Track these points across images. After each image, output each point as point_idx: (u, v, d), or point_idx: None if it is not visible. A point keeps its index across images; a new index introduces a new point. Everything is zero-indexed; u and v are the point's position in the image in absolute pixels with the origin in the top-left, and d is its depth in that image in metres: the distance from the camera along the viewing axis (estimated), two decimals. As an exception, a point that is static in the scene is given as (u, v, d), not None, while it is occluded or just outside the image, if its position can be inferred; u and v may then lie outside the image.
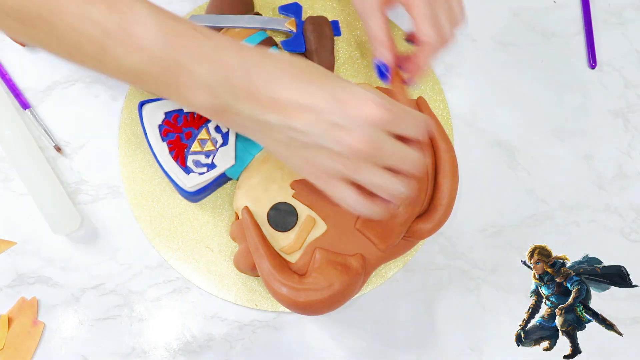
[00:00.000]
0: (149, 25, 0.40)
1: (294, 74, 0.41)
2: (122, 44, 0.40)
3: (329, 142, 0.41)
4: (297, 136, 0.41)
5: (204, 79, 0.41)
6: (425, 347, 0.57)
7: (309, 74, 0.41)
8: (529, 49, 0.65)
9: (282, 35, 0.61)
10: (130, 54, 0.40)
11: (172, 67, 0.41)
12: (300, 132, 0.41)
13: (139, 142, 0.59)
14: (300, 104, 0.40)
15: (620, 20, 0.66)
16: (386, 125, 0.41)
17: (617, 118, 0.64)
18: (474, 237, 0.60)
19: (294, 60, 0.42)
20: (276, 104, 0.41)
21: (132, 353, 0.56)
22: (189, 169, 0.54)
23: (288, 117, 0.41)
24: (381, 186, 0.43)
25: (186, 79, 0.41)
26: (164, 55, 0.40)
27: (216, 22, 0.57)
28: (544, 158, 0.62)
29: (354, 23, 0.63)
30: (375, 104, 0.40)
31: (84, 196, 0.59)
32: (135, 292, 0.57)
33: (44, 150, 0.59)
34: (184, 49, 0.40)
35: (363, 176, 0.42)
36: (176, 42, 0.40)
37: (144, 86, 0.43)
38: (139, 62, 0.41)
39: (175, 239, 0.57)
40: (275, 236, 0.52)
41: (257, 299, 0.56)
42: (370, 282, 0.57)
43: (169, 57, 0.40)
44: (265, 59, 0.42)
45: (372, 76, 0.61)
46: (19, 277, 0.57)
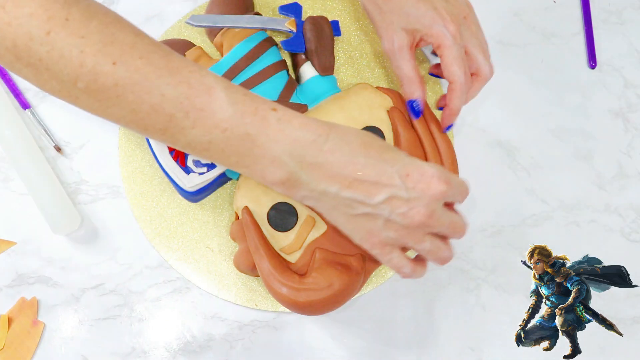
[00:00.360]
0: (223, 101, 0.41)
1: (366, 153, 0.43)
2: (194, 120, 0.41)
3: (396, 216, 0.43)
4: (368, 210, 0.43)
5: (277, 156, 0.42)
6: (425, 347, 0.57)
7: (380, 152, 0.44)
8: (529, 49, 0.65)
9: (282, 35, 0.61)
10: (203, 131, 0.42)
11: (247, 143, 0.42)
12: (372, 207, 0.43)
13: (139, 142, 0.59)
14: (375, 182, 0.43)
15: (620, 20, 0.66)
16: (445, 198, 0.44)
17: (617, 118, 0.64)
18: (474, 237, 0.60)
19: (362, 136, 0.44)
20: (352, 182, 0.43)
21: (132, 353, 0.56)
22: (189, 169, 0.54)
23: (363, 193, 0.43)
24: (432, 251, 0.46)
25: (260, 155, 0.42)
26: (238, 132, 0.42)
27: (216, 22, 0.57)
28: (544, 158, 0.62)
29: (354, 23, 0.63)
30: (439, 179, 0.43)
31: (84, 196, 0.59)
32: (135, 292, 0.57)
33: (44, 150, 0.59)
34: (259, 126, 0.42)
35: (419, 245, 0.45)
36: (251, 120, 0.42)
37: (214, 160, 0.44)
38: (213, 138, 0.42)
39: (175, 239, 0.57)
40: (275, 236, 0.52)
41: (257, 299, 0.56)
42: (370, 282, 0.57)
43: (243, 133, 0.42)
44: (336, 135, 0.43)
45: (372, 76, 0.61)
46: (19, 277, 0.57)
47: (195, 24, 0.58)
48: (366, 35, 0.62)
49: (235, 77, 0.56)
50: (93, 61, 0.39)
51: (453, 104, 0.52)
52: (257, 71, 0.56)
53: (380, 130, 0.55)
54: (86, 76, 0.40)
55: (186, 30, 0.61)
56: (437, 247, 0.46)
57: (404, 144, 0.54)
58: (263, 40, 0.58)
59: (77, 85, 0.40)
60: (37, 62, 0.39)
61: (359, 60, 0.62)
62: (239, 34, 0.57)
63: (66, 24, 0.39)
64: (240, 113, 0.42)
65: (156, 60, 0.41)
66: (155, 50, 0.41)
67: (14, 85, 0.60)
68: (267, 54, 0.57)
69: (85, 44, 0.39)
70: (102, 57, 0.39)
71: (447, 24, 0.50)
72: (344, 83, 0.61)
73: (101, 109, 0.42)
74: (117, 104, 0.41)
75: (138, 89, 0.40)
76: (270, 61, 0.57)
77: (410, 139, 0.54)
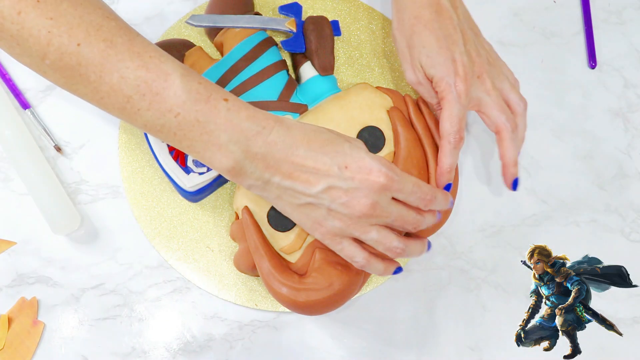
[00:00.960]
0: (177, 87, 0.43)
1: (307, 146, 0.45)
2: (150, 103, 0.44)
3: (337, 206, 0.45)
4: (310, 200, 0.46)
5: (224, 144, 0.44)
6: (425, 347, 0.57)
7: (322, 145, 0.46)
8: (529, 49, 0.65)
9: (282, 35, 0.61)
10: (157, 114, 0.44)
11: (197, 129, 0.44)
12: (313, 197, 0.45)
13: (139, 142, 0.59)
14: (314, 172, 0.45)
15: (620, 20, 0.66)
16: (388, 192, 0.46)
17: (617, 118, 0.63)
18: (474, 237, 0.60)
19: (308, 131, 0.46)
20: (292, 173, 0.45)
21: (132, 353, 0.56)
22: (189, 169, 0.54)
23: (303, 183, 0.45)
24: (379, 241, 0.47)
25: (209, 142, 0.44)
26: (189, 118, 0.44)
27: (216, 22, 0.57)
28: (544, 158, 0.62)
29: (354, 23, 0.63)
30: (379, 172, 0.45)
31: (84, 196, 0.59)
32: (135, 292, 0.57)
33: (44, 150, 0.59)
34: (209, 114, 0.44)
35: (365, 235, 0.47)
36: (202, 107, 0.44)
37: (167, 141, 0.46)
38: (166, 121, 0.44)
39: (175, 239, 0.57)
40: (275, 236, 0.52)
41: (257, 299, 0.56)
42: (370, 282, 0.57)
43: (194, 120, 0.44)
44: (281, 127, 0.45)
45: (372, 76, 0.61)
46: (19, 277, 0.57)
47: (195, 24, 0.58)
48: (366, 35, 0.62)
49: (235, 77, 0.56)
50: (59, 42, 0.42)
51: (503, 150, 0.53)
52: (257, 71, 0.56)
53: (380, 130, 0.55)
54: (52, 54, 0.42)
55: (186, 30, 0.61)
56: (385, 237, 0.47)
57: (403, 143, 0.54)
58: (263, 40, 0.58)
59: (44, 62, 0.43)
60: (9, 38, 0.43)
61: (359, 60, 0.62)
62: (239, 34, 0.57)
63: (37, 5, 0.42)
64: (193, 100, 0.44)
65: (119, 44, 0.43)
66: (120, 34, 0.44)
67: (14, 85, 0.60)
68: (267, 54, 0.57)
69: (52, 25, 0.42)
70: (67, 38, 0.42)
71: (457, 81, 0.51)
72: (344, 83, 0.61)
73: (67, 85, 0.45)
74: (81, 82, 0.44)
75: (99, 70, 0.43)
76: (270, 61, 0.57)
77: (410, 139, 0.54)
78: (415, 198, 0.47)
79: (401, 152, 0.54)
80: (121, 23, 0.45)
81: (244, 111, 0.45)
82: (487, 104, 0.53)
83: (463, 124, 0.52)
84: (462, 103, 0.51)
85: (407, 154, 0.53)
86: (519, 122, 0.54)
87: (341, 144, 0.46)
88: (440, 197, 0.49)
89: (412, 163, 0.53)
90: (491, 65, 0.54)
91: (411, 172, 0.52)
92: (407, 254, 0.49)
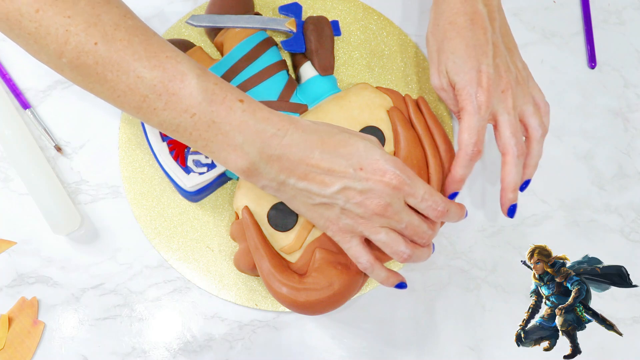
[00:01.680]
0: (194, 88, 0.44)
1: (322, 148, 0.45)
2: (166, 103, 0.44)
3: (351, 205, 0.46)
4: (324, 200, 0.46)
5: (239, 145, 0.44)
6: (425, 347, 0.57)
7: (337, 146, 0.46)
8: (529, 49, 0.65)
9: (282, 35, 0.61)
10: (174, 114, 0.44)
11: (212, 130, 0.44)
12: (328, 197, 0.46)
13: (139, 142, 0.59)
14: (329, 174, 0.45)
15: (620, 20, 0.66)
16: (401, 194, 0.46)
17: (617, 118, 0.64)
18: (474, 236, 0.60)
19: (322, 132, 0.46)
20: (307, 174, 0.45)
21: (132, 353, 0.56)
22: (189, 169, 0.54)
23: (318, 184, 0.45)
24: (387, 244, 0.47)
25: (224, 143, 0.45)
26: (205, 119, 0.44)
27: (216, 22, 0.57)
28: (544, 158, 0.62)
29: (354, 23, 0.63)
30: (393, 174, 0.45)
31: (84, 196, 0.59)
32: (135, 292, 0.57)
33: (44, 150, 0.59)
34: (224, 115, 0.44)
35: (374, 235, 0.47)
36: (218, 108, 0.44)
37: (182, 140, 0.46)
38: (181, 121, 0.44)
39: (175, 239, 0.57)
40: (275, 236, 0.52)
41: (257, 299, 0.56)
42: (370, 282, 0.57)
43: (209, 120, 0.44)
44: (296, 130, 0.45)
45: (372, 76, 0.61)
46: (19, 277, 0.57)
47: (195, 24, 0.58)
48: (366, 35, 0.62)
49: (235, 77, 0.56)
50: (76, 40, 0.42)
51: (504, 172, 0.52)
52: (257, 71, 0.56)
53: (380, 130, 0.55)
54: (70, 53, 0.42)
55: (186, 30, 0.61)
56: (393, 239, 0.47)
57: (403, 143, 0.54)
58: (263, 40, 0.58)
59: (61, 60, 0.43)
60: (27, 36, 0.42)
61: (359, 60, 0.62)
62: (239, 34, 0.57)
63: (55, 3, 0.42)
64: (209, 101, 0.44)
65: (136, 43, 0.43)
66: (137, 34, 0.44)
67: (14, 85, 0.60)
68: (267, 54, 0.57)
69: (70, 24, 0.42)
70: (85, 37, 0.42)
71: (479, 92, 0.50)
72: (344, 83, 0.61)
73: (84, 84, 0.45)
74: (97, 81, 0.44)
75: (116, 69, 0.43)
76: (270, 61, 0.57)
77: (410, 139, 0.54)
78: (426, 206, 0.47)
79: (401, 152, 0.54)
80: (138, 22, 0.45)
81: (259, 112, 0.45)
82: (502, 122, 0.51)
83: (482, 135, 0.50)
84: (482, 115, 0.50)
85: (407, 154, 0.53)
86: (533, 148, 0.53)
87: (355, 144, 0.46)
88: (454, 210, 0.49)
89: (412, 163, 0.53)
90: (519, 84, 0.52)
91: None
92: (413, 260, 0.48)
